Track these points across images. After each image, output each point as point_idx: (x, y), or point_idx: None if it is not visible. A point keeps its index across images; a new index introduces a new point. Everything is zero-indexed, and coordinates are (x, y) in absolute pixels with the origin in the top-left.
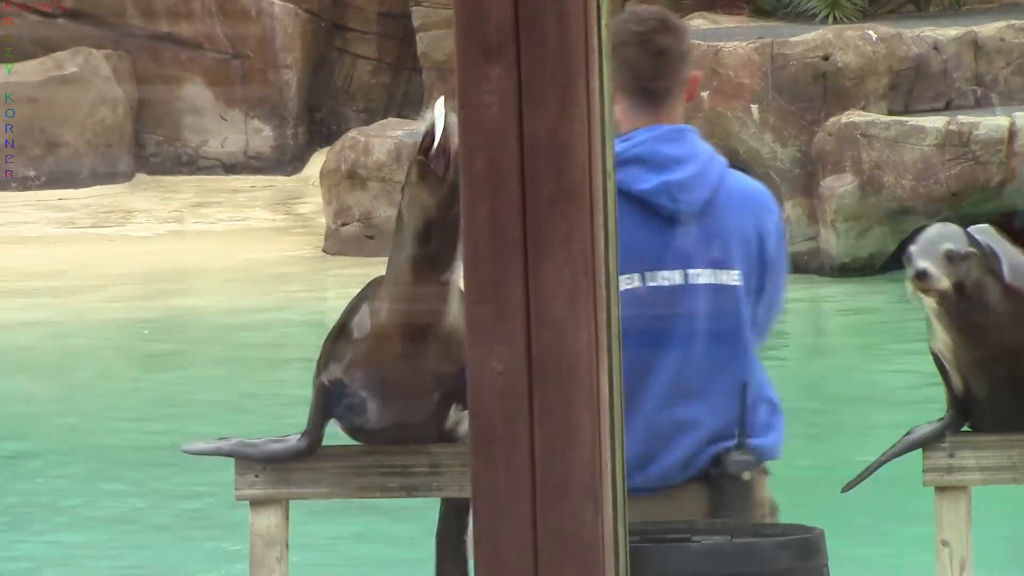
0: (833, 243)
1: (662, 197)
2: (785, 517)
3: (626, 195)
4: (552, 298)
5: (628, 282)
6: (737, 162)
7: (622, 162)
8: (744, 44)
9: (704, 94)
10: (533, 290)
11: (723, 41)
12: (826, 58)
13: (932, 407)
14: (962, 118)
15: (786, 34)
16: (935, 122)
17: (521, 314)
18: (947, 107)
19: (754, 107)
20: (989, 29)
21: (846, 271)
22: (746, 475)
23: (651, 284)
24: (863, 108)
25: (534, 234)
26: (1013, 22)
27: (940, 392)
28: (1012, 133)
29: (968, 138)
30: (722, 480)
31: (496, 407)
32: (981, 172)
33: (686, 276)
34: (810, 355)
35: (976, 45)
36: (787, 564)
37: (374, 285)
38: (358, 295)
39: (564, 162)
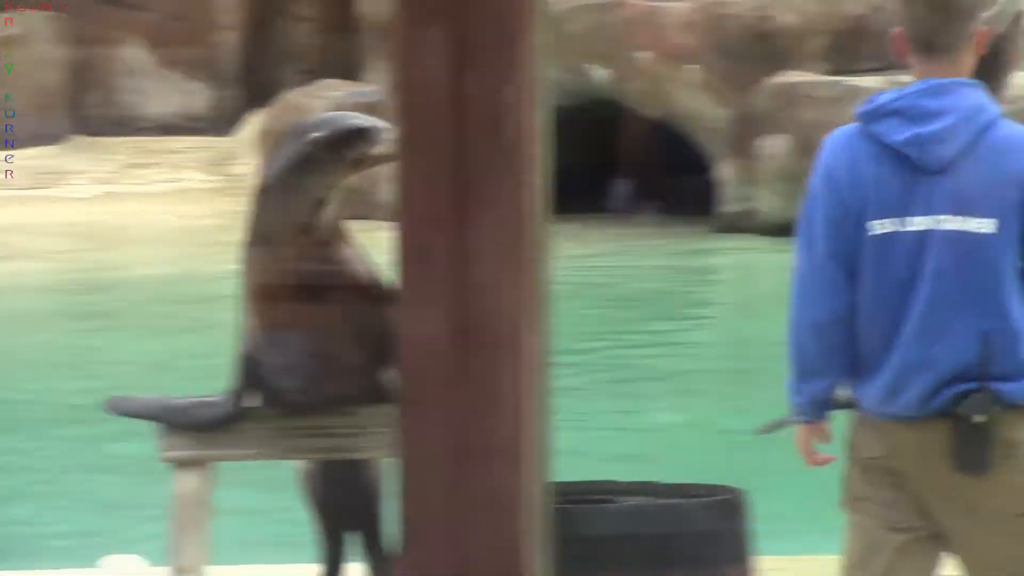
0: (768, 203)
1: (913, 148)
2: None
3: (882, 145)
4: (482, 260)
5: (881, 227)
6: (675, 121)
7: (884, 114)
8: (685, 4)
9: (644, 54)
10: (465, 253)
11: (663, 1)
12: (766, 18)
13: None
14: (902, 79)
15: None
16: (874, 82)
17: (451, 275)
18: (887, 68)
19: (693, 67)
20: None
21: (781, 231)
22: (979, 418)
23: (904, 229)
24: (800, 68)
25: (466, 196)
26: None
27: None
28: None
29: None
30: (960, 420)
31: (424, 368)
32: None
33: (937, 222)
34: (743, 314)
35: None
36: (708, 524)
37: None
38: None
39: (500, 124)
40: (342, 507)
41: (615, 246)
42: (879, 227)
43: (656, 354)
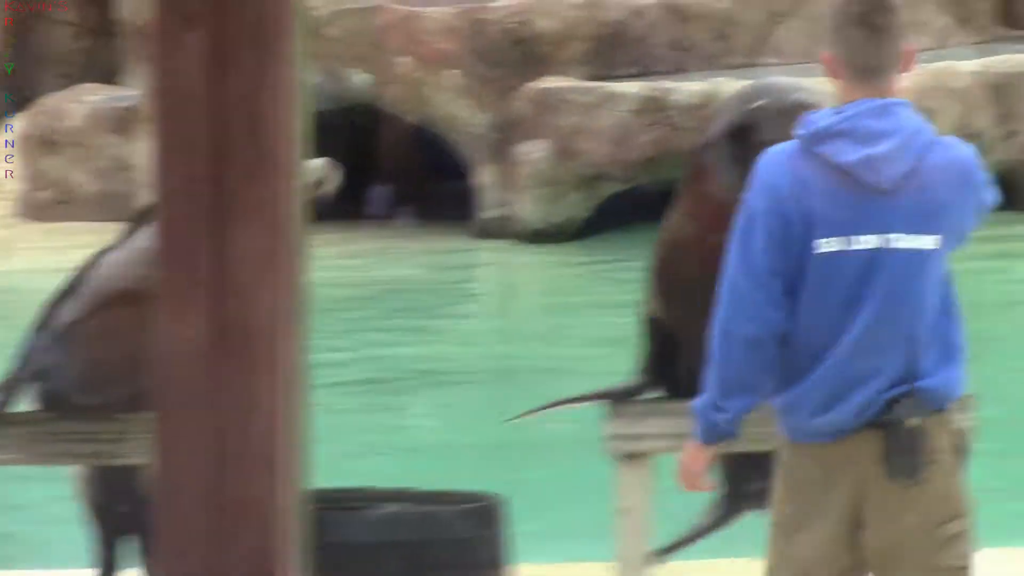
0: (527, 209)
1: (864, 169)
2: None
3: (829, 165)
4: (242, 265)
5: (827, 245)
6: (435, 128)
7: (830, 135)
8: (444, 9)
9: (403, 59)
10: (224, 257)
11: (423, 6)
12: (525, 23)
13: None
14: (660, 83)
15: (487, 0)
16: (632, 87)
17: (210, 281)
18: (645, 73)
19: (452, 73)
20: None
21: (539, 237)
22: (911, 421)
23: (851, 248)
24: (561, 74)
25: (225, 201)
26: None
27: (629, 351)
28: (710, 98)
29: (666, 103)
30: (891, 426)
31: (181, 374)
32: (678, 138)
33: (886, 240)
34: (503, 321)
35: (676, 10)
36: (465, 531)
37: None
38: (83, 264)
39: (258, 128)
40: (117, 511)
41: (374, 251)
42: (825, 245)
43: (416, 358)
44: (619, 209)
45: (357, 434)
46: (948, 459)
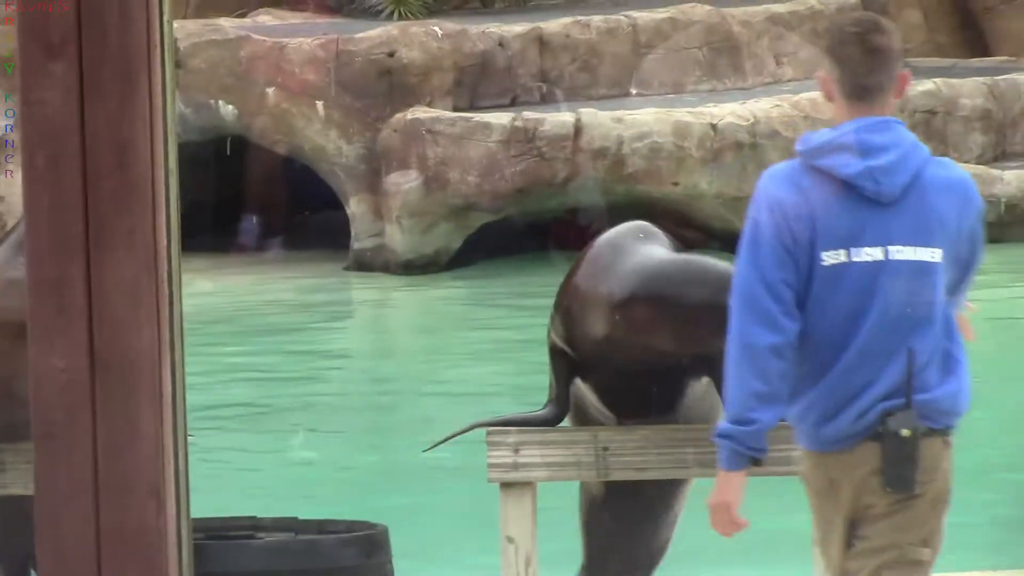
0: (398, 240)
1: (866, 180)
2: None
3: (834, 179)
4: (114, 294)
5: (834, 258)
6: (304, 159)
7: (831, 149)
8: (309, 41)
9: (269, 90)
10: (95, 286)
11: (288, 37)
12: (391, 54)
13: (499, 397)
14: (528, 114)
15: (352, 30)
16: (500, 118)
17: (83, 310)
18: (513, 103)
19: (319, 103)
20: (555, 25)
21: (411, 268)
22: (905, 432)
23: (854, 260)
24: (428, 104)
25: (96, 230)
26: (578, 18)
27: (503, 383)
28: (577, 129)
29: (534, 134)
30: (887, 437)
31: (57, 403)
32: (547, 168)
33: (887, 252)
34: (374, 352)
35: (542, 41)
36: (350, 560)
37: None
38: None
39: (126, 158)
40: (20, 538)
41: (244, 282)
42: (830, 258)
43: (290, 389)
44: (489, 240)
45: (236, 463)
46: (943, 484)
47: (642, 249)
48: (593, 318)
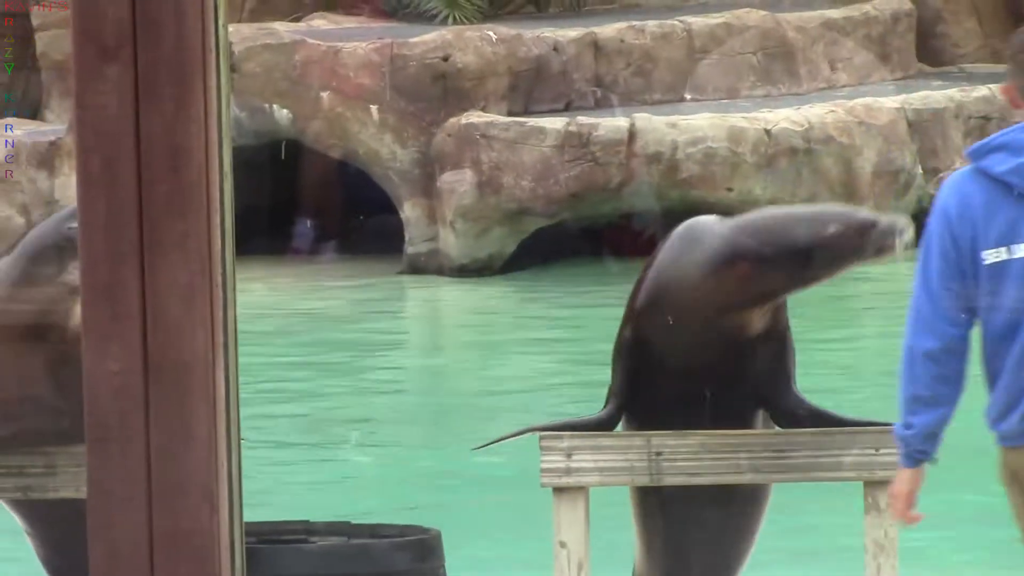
0: (452, 244)
1: (1015, 176)
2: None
3: (989, 178)
4: (168, 298)
5: (996, 256)
6: (358, 163)
7: (990, 149)
8: (364, 45)
9: (324, 94)
10: (149, 290)
11: (343, 42)
12: (446, 59)
13: (553, 401)
14: (582, 119)
15: (406, 35)
16: (555, 123)
17: (137, 314)
18: (567, 108)
19: (373, 108)
20: (609, 30)
21: (465, 272)
22: None
23: (1014, 256)
24: (483, 109)
25: (150, 234)
26: (633, 23)
27: (558, 387)
28: (631, 134)
29: (588, 139)
30: None
31: (111, 407)
32: (601, 173)
33: None
34: (428, 356)
35: (596, 46)
36: (403, 564)
37: None
38: None
39: (181, 161)
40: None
41: (299, 287)
42: (992, 256)
43: (344, 393)
44: (543, 244)
45: (294, 467)
46: None
47: (724, 221)
48: (688, 289)
